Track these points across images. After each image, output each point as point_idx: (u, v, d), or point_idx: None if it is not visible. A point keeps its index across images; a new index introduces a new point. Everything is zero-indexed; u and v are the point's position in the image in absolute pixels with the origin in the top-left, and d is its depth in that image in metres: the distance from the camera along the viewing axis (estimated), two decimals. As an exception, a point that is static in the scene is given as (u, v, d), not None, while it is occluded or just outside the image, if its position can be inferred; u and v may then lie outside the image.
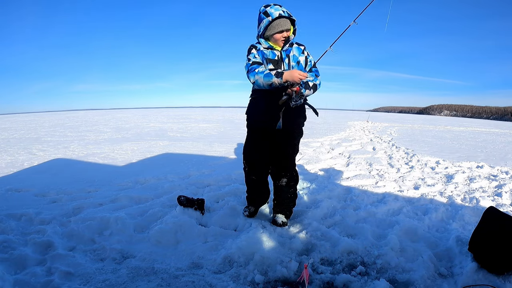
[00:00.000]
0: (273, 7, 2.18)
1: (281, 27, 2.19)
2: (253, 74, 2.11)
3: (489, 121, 45.83)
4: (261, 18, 2.20)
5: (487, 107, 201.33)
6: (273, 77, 2.05)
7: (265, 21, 2.17)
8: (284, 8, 2.21)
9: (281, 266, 1.89)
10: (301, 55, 2.31)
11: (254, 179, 2.49)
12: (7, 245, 2.07)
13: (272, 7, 2.18)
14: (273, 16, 2.15)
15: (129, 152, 5.96)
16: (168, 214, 2.51)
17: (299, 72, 2.03)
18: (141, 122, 15.57)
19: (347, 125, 15.75)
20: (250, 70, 2.15)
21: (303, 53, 2.32)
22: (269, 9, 2.17)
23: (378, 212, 2.77)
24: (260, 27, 2.21)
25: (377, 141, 8.61)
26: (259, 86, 2.17)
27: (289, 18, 2.21)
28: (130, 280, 1.78)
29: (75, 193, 3.30)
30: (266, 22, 2.17)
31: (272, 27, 2.19)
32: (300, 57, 2.30)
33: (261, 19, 2.19)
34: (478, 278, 1.72)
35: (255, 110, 2.33)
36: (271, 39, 2.25)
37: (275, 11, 2.16)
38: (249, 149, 2.44)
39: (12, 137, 9.15)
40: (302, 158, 5.48)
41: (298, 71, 2.04)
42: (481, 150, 7.40)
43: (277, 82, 2.06)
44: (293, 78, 2.03)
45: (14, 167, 4.61)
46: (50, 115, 29.13)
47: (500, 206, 3.02)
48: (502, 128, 19.94)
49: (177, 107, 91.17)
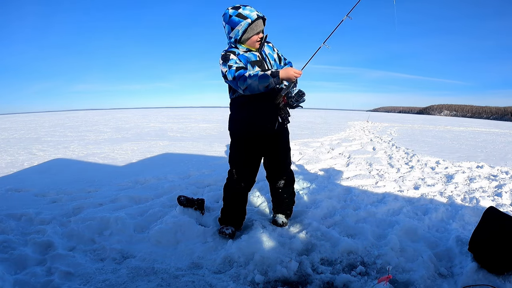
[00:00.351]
0: (246, 8, 2.04)
1: (258, 28, 2.08)
2: (244, 80, 1.94)
3: (489, 121, 45.84)
4: (234, 22, 2.03)
5: (487, 107, 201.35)
6: (270, 78, 1.93)
7: (244, 24, 2.02)
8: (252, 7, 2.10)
9: (281, 266, 1.89)
10: (273, 52, 2.28)
11: (242, 188, 2.30)
12: (7, 245, 2.07)
13: (245, 9, 2.04)
14: (252, 18, 2.02)
15: (129, 152, 5.96)
16: (168, 214, 2.51)
17: (294, 70, 1.99)
18: (141, 122, 15.57)
19: (347, 125, 15.75)
20: (238, 76, 1.96)
21: (274, 49, 2.29)
22: (242, 11, 2.03)
23: (378, 212, 2.77)
24: (237, 31, 2.05)
25: (377, 141, 8.61)
26: (252, 91, 1.98)
27: (262, 18, 2.11)
28: (130, 280, 1.78)
29: (75, 193, 3.30)
30: (245, 24, 2.02)
31: (250, 29, 2.05)
32: (274, 54, 2.28)
33: (236, 22, 2.03)
34: (478, 278, 1.72)
35: (251, 116, 2.16)
36: (247, 42, 2.11)
37: (251, 12, 2.03)
38: (242, 160, 2.28)
39: (12, 137, 9.16)
40: (302, 158, 5.48)
41: (293, 69, 1.99)
42: (481, 150, 7.40)
43: (274, 83, 1.96)
44: (289, 76, 1.97)
45: (14, 167, 4.61)
46: (50, 115, 29.13)
47: (500, 206, 3.02)
48: (502, 128, 19.94)
49: (177, 107, 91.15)
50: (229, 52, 2.09)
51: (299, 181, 3.69)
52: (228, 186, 2.36)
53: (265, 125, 2.18)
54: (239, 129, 2.25)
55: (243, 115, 2.19)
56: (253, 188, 3.32)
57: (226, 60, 2.04)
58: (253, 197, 3.08)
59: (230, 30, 2.07)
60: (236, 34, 2.06)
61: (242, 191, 2.32)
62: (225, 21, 2.08)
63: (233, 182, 2.31)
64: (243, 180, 2.30)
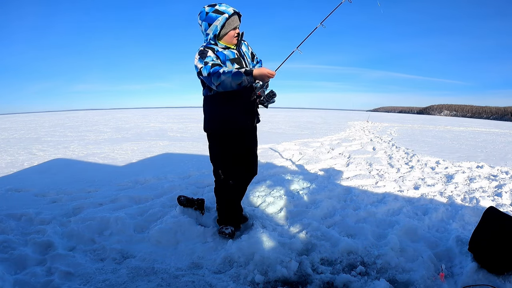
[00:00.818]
0: (222, 5, 2.09)
1: (235, 24, 2.11)
2: (218, 76, 1.94)
3: (489, 121, 45.83)
4: (212, 18, 2.06)
5: (487, 107, 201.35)
6: (243, 76, 1.93)
7: (222, 18, 2.05)
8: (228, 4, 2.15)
9: (281, 266, 1.89)
10: (248, 50, 2.31)
11: (232, 185, 2.27)
12: (7, 245, 2.07)
13: (221, 5, 2.09)
14: (229, 13, 2.06)
15: (129, 152, 5.96)
16: (168, 214, 2.51)
17: (268, 70, 1.99)
18: (141, 122, 15.57)
19: (347, 125, 15.75)
20: (212, 72, 1.97)
21: (248, 48, 2.31)
22: (218, 7, 2.07)
23: (378, 212, 2.77)
24: (215, 26, 2.07)
25: (377, 141, 8.61)
26: (225, 88, 1.99)
27: (238, 14, 2.14)
28: (130, 280, 1.78)
29: (75, 193, 3.30)
30: (223, 19, 2.05)
31: (228, 24, 2.08)
32: (248, 52, 2.30)
33: (214, 18, 2.06)
34: (478, 278, 1.72)
35: (232, 112, 2.16)
36: (224, 38, 2.14)
37: (228, 8, 2.07)
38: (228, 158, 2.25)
39: (12, 137, 9.16)
40: (302, 158, 5.48)
41: (267, 69, 1.99)
42: (481, 150, 7.40)
43: (247, 81, 1.97)
44: (262, 76, 1.97)
45: (14, 167, 4.61)
46: (50, 115, 29.14)
47: (500, 206, 3.02)
48: (502, 128, 19.94)
49: (177, 107, 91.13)
50: (208, 48, 2.09)
51: (299, 181, 3.69)
52: (218, 188, 2.33)
53: (246, 121, 2.22)
54: (221, 127, 2.21)
55: (225, 112, 2.17)
56: (253, 188, 3.32)
57: (203, 56, 2.04)
58: (253, 197, 3.08)
59: (208, 26, 2.08)
60: (215, 30, 2.07)
61: (233, 188, 2.30)
62: (201, 19, 2.09)
63: (222, 182, 2.28)
64: (231, 177, 2.27)
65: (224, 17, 2.05)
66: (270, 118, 20.44)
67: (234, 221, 2.34)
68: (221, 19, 2.05)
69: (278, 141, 7.93)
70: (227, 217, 2.33)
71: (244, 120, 2.21)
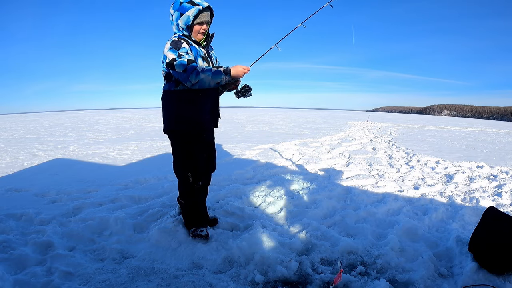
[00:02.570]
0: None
1: (204, 18, 2.03)
2: (197, 74, 1.85)
3: (489, 121, 45.83)
4: (185, 8, 1.98)
5: (487, 107, 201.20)
6: (223, 75, 1.90)
7: (195, 9, 1.97)
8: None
9: (281, 266, 1.89)
10: (214, 55, 2.26)
11: (201, 186, 2.22)
12: (7, 245, 2.06)
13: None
14: (203, 6, 1.99)
15: (129, 152, 5.96)
16: (168, 214, 2.51)
17: (243, 66, 1.99)
18: (141, 122, 15.58)
19: (347, 125, 15.75)
20: (190, 69, 1.86)
21: (213, 50, 2.26)
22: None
23: (378, 212, 2.77)
24: (187, 17, 1.98)
25: (377, 141, 8.61)
26: (202, 86, 1.91)
27: (211, 12, 2.09)
28: (130, 280, 1.78)
29: (75, 193, 3.30)
30: (196, 10, 1.97)
31: (199, 17, 2.02)
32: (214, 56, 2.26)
33: (187, 8, 1.97)
34: (478, 278, 1.72)
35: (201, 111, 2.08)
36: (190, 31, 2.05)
37: (203, 2, 2.01)
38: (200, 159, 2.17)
39: (12, 137, 9.16)
40: (302, 158, 5.48)
41: (242, 66, 1.98)
42: (481, 150, 7.40)
43: (226, 80, 1.94)
44: (238, 73, 1.97)
45: (14, 167, 4.61)
46: (50, 115, 29.14)
47: (500, 206, 3.02)
48: (502, 128, 19.94)
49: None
50: (182, 39, 2.00)
51: (299, 181, 3.69)
52: (186, 192, 2.21)
53: (212, 121, 2.21)
54: (191, 127, 2.07)
55: (194, 110, 2.05)
56: (253, 188, 3.32)
57: (176, 47, 1.94)
58: (253, 197, 3.08)
59: (179, 16, 2.00)
60: (187, 20, 1.99)
61: (201, 189, 2.24)
62: (174, 9, 2.02)
63: (190, 185, 2.16)
64: (200, 179, 2.19)
65: (198, 8, 1.98)
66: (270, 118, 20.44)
67: (205, 221, 2.32)
68: (194, 10, 1.97)
69: (278, 141, 7.94)
70: (198, 219, 2.26)
71: (210, 119, 2.18)
